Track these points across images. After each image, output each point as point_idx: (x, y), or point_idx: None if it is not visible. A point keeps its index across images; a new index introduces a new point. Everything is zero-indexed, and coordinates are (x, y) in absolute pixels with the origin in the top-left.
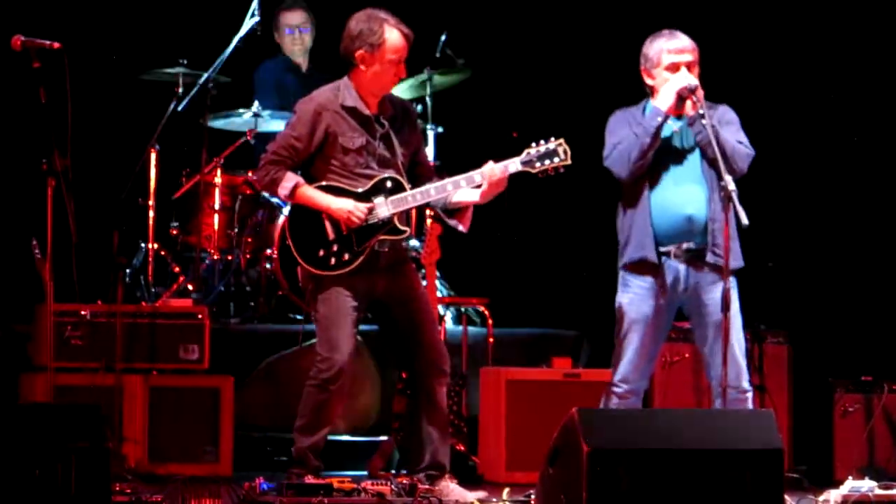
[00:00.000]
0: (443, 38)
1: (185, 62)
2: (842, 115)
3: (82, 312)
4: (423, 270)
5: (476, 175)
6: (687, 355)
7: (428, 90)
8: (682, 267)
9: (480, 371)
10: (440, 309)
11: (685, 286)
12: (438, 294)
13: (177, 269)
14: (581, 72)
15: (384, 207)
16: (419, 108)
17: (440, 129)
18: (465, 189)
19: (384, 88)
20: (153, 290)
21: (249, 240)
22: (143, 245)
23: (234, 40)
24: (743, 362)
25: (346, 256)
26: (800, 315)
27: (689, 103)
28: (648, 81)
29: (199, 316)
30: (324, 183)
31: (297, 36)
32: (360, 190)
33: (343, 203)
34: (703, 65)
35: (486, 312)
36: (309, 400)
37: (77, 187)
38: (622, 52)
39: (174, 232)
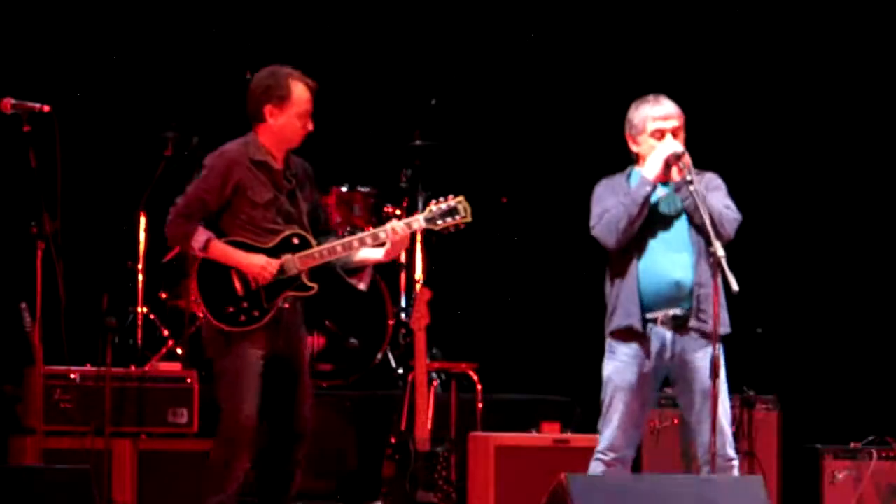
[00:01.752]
0: (432, 102)
1: (175, 125)
2: (826, 182)
3: (71, 376)
4: (413, 335)
5: (381, 233)
6: (676, 422)
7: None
8: (668, 334)
9: (469, 436)
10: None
11: (671, 353)
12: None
13: (166, 332)
14: (570, 137)
15: (292, 264)
16: (409, 171)
17: (429, 194)
18: (369, 247)
19: (292, 142)
20: (142, 353)
21: None
22: (132, 309)
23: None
24: (729, 430)
25: (256, 313)
26: (788, 381)
27: (675, 170)
28: (634, 147)
29: (188, 380)
30: (233, 238)
31: None
32: (267, 246)
33: (255, 259)
34: (689, 128)
35: (475, 377)
36: (217, 458)
37: (66, 250)
38: (608, 116)
39: (163, 295)
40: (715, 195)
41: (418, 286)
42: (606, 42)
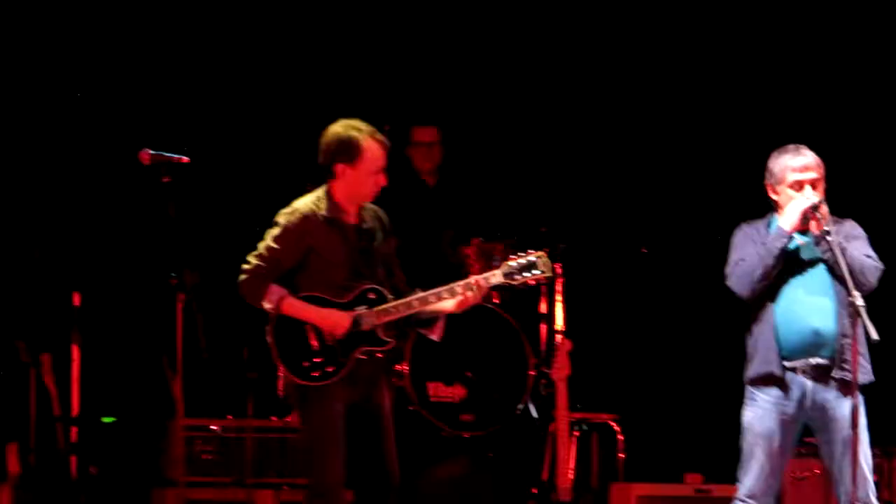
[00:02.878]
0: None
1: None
2: None
3: (213, 427)
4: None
5: (457, 287)
6: (816, 471)
7: None
8: (808, 382)
9: (612, 487)
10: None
11: (811, 402)
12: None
13: None
14: (710, 186)
15: (368, 318)
16: (548, 222)
17: (564, 245)
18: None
19: (365, 198)
20: (284, 404)
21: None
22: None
23: None
24: (870, 478)
25: (331, 368)
26: None
27: (813, 222)
28: (773, 196)
29: None
30: (308, 293)
31: (428, 153)
32: (343, 301)
33: (328, 314)
34: (830, 178)
35: (617, 428)
36: None
37: (207, 302)
38: (749, 164)
39: None
40: (855, 244)
41: (559, 337)
42: (750, 90)
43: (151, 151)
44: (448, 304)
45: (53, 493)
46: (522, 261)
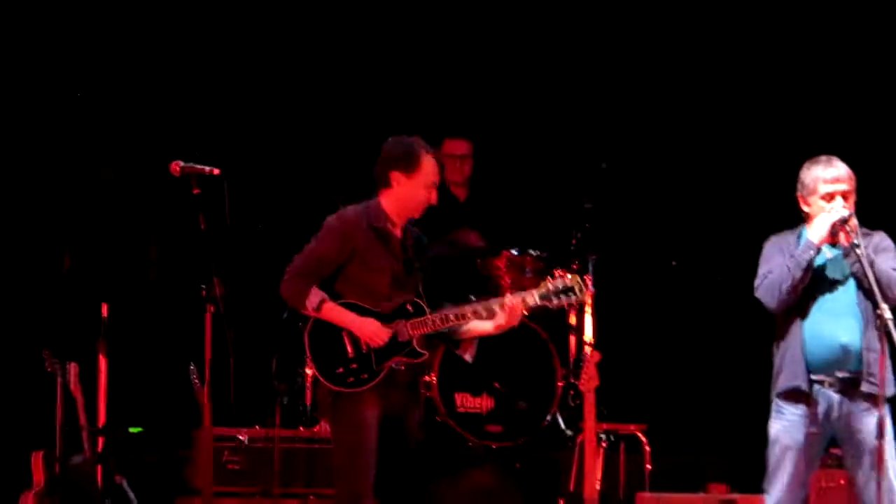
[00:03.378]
0: (602, 166)
1: (344, 194)
2: None
3: (240, 437)
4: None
5: (494, 305)
6: (842, 482)
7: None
8: (835, 396)
9: (637, 496)
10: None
11: (838, 414)
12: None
13: None
14: (740, 199)
15: (405, 330)
16: (580, 234)
17: (599, 257)
18: (482, 318)
19: (413, 212)
20: (311, 415)
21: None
22: (300, 370)
23: None
24: None
25: (364, 375)
26: None
27: (842, 234)
28: (804, 208)
29: None
30: (347, 301)
31: (459, 165)
32: (381, 311)
33: (368, 323)
34: (861, 191)
35: (644, 438)
36: None
37: (236, 313)
38: (779, 177)
39: None
40: (883, 256)
41: (588, 348)
42: (783, 101)
43: (182, 163)
44: (486, 326)
45: (79, 503)
46: (559, 284)
